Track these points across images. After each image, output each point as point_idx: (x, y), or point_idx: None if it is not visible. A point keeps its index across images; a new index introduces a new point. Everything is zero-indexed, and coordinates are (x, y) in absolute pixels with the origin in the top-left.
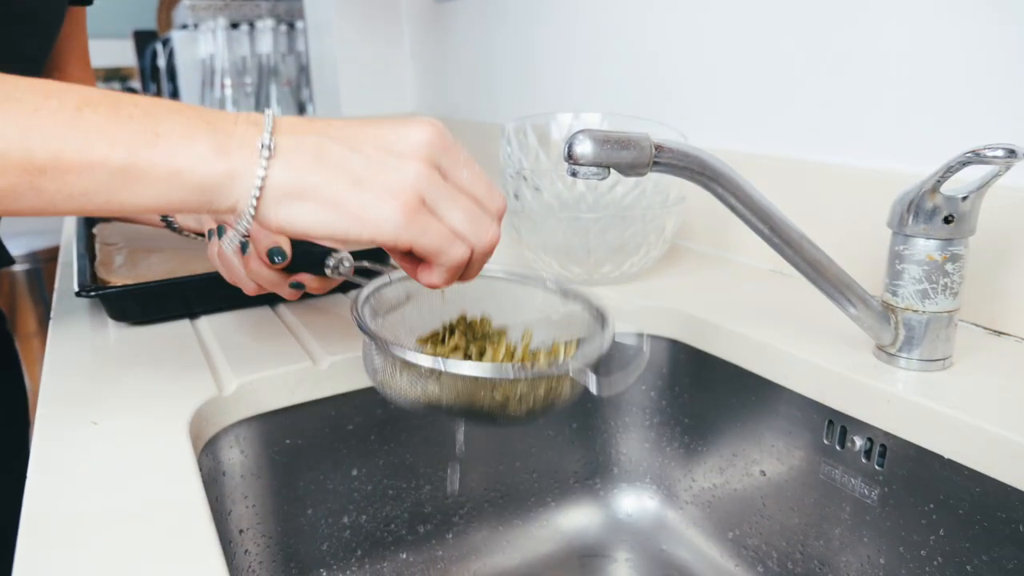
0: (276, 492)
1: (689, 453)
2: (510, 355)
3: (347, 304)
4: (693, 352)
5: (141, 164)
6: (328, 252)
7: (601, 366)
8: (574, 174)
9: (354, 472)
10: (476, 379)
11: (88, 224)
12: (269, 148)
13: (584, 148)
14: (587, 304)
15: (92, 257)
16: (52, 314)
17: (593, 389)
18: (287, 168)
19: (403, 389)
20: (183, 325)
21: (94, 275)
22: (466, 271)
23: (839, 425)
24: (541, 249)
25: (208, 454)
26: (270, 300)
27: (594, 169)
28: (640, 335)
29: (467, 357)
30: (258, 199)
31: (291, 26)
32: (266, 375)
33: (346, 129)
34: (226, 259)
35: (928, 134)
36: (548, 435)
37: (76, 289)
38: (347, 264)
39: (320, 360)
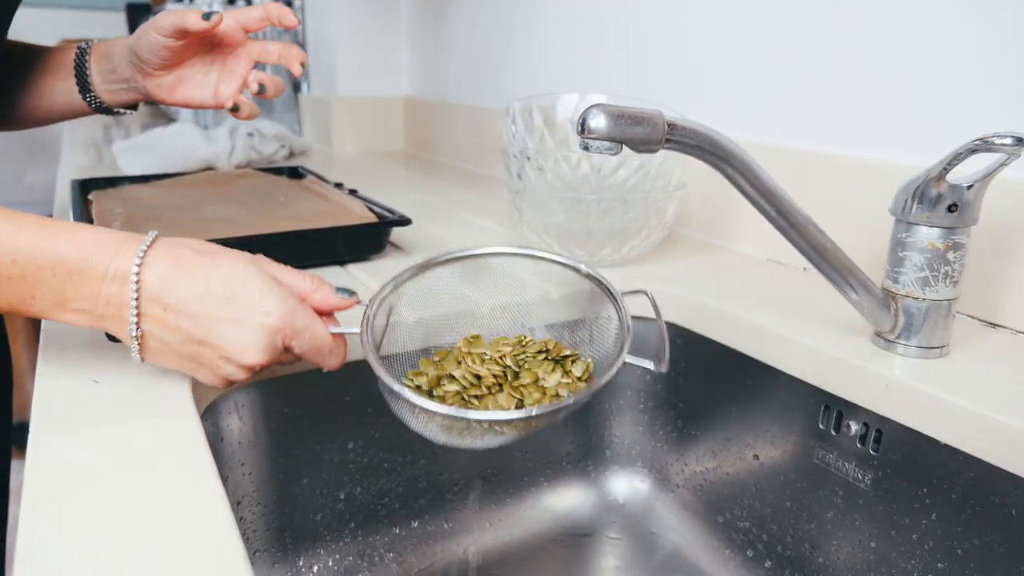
0: (273, 461)
1: (682, 437)
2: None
3: (342, 276)
4: (690, 336)
5: (23, 313)
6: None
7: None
8: (586, 148)
9: (350, 445)
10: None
11: (83, 191)
12: (137, 328)
13: (598, 122)
14: (603, 293)
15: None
16: None
17: (652, 366)
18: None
19: (431, 432)
20: None
21: None
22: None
23: (835, 410)
24: (543, 229)
25: (208, 419)
26: None
27: (607, 144)
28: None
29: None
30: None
31: (288, 3)
32: None
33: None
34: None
35: (928, 124)
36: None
37: None
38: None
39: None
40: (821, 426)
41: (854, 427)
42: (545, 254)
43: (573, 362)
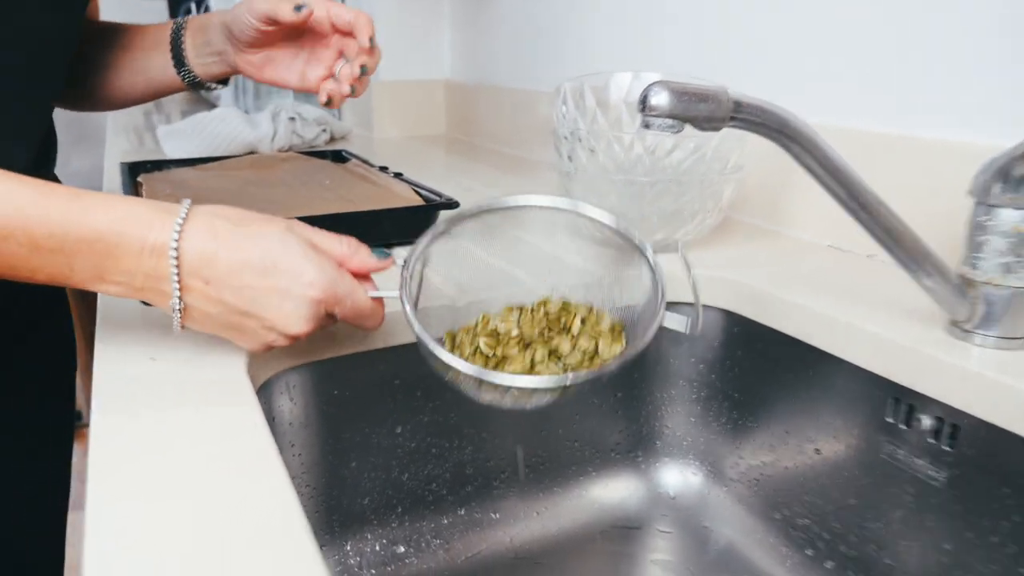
0: (322, 443)
1: (738, 429)
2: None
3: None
4: (747, 323)
5: (63, 283)
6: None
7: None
8: (647, 126)
9: (399, 429)
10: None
11: (132, 173)
12: (180, 301)
13: (660, 99)
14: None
15: None
16: None
17: (686, 329)
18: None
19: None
20: None
21: None
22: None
23: (905, 403)
24: None
25: (260, 399)
26: None
27: (669, 122)
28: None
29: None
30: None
31: None
32: None
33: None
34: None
35: (1005, 101)
36: (592, 403)
37: None
38: None
39: None
40: (888, 419)
41: (926, 421)
42: (583, 209)
43: (613, 331)
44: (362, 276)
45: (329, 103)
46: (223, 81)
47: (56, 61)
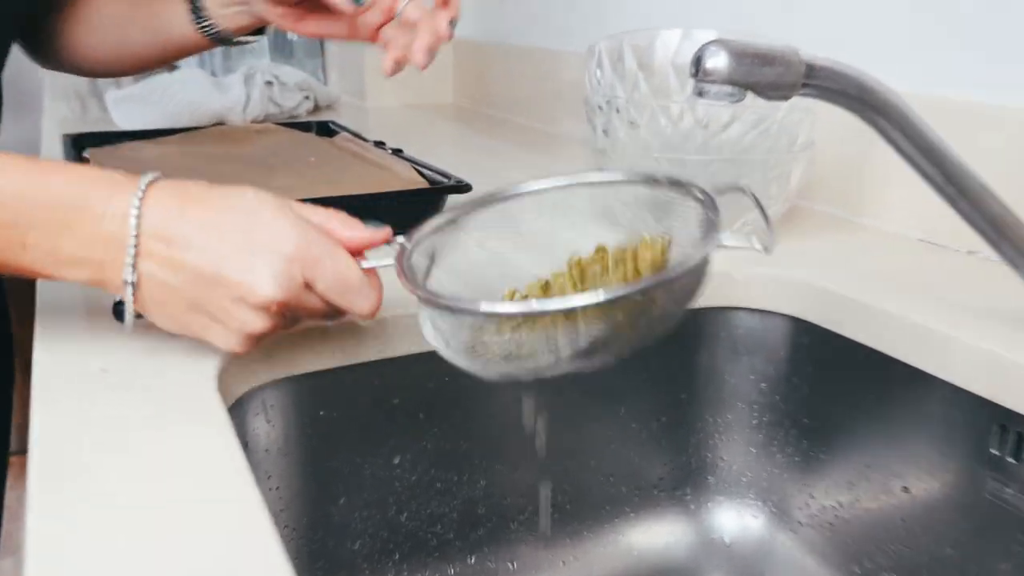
0: (305, 474)
1: (808, 462)
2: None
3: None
4: (819, 333)
5: (14, 267)
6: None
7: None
8: (701, 94)
9: (396, 459)
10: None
11: (76, 147)
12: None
13: (718, 62)
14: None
15: None
16: None
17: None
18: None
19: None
20: None
21: None
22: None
23: (1013, 431)
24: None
25: (231, 419)
26: None
27: (728, 89)
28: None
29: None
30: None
31: None
32: (301, 327)
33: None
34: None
35: None
36: (631, 429)
37: None
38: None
39: None
40: (994, 451)
41: None
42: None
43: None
44: (354, 252)
45: (397, 67)
46: (259, 31)
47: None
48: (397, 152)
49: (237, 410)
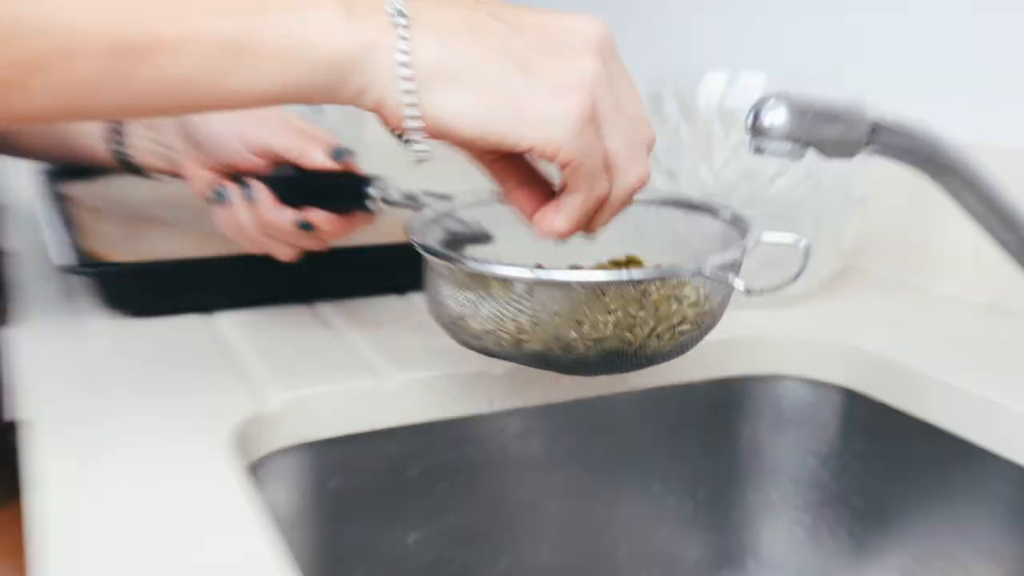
0: (316, 549)
1: (860, 548)
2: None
3: (407, 310)
4: (874, 406)
5: (254, 36)
6: (364, 181)
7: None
8: (760, 150)
9: (411, 536)
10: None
11: (52, 180)
12: (403, 15)
13: (778, 118)
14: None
15: (70, 225)
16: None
17: (741, 287)
18: (435, 41)
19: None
20: (193, 321)
21: (80, 249)
22: (595, 218)
23: None
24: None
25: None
26: (306, 297)
27: (787, 146)
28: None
29: None
30: (410, 79)
31: None
32: (321, 391)
33: (501, 7)
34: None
35: None
36: (665, 506)
37: (62, 264)
38: (395, 194)
39: (386, 377)
40: None
41: None
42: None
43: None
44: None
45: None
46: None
47: None
48: None
49: (251, 477)
